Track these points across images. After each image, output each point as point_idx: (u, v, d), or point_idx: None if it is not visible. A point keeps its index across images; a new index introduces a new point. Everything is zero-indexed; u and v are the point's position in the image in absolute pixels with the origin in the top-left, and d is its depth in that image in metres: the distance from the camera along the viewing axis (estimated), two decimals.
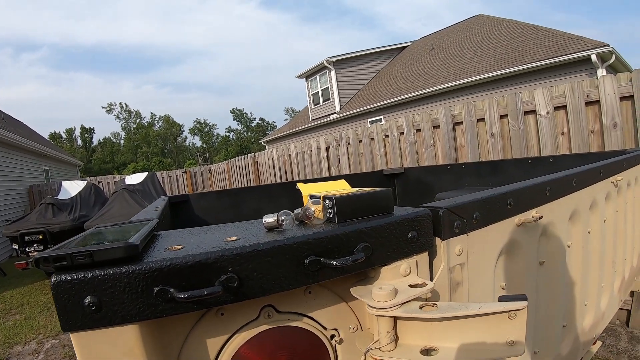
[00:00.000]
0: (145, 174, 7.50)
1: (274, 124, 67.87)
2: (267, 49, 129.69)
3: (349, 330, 0.70)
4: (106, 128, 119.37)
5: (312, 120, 18.80)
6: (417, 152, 5.16)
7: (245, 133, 66.57)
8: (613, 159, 1.56)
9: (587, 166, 1.36)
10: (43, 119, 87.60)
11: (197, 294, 0.50)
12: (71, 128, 60.67)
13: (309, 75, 18.66)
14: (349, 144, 6.22)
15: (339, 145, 6.45)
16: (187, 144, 66.28)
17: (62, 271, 0.49)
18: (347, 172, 6.22)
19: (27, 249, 5.69)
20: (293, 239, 0.59)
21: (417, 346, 0.60)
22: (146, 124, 63.19)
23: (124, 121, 63.59)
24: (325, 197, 0.70)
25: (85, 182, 7.55)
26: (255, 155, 9.84)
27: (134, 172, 13.86)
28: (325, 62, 16.98)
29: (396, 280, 0.68)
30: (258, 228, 0.68)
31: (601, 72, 9.17)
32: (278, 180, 8.71)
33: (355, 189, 0.76)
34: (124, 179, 7.52)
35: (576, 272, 1.28)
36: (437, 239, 0.76)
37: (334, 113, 17.26)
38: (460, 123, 4.62)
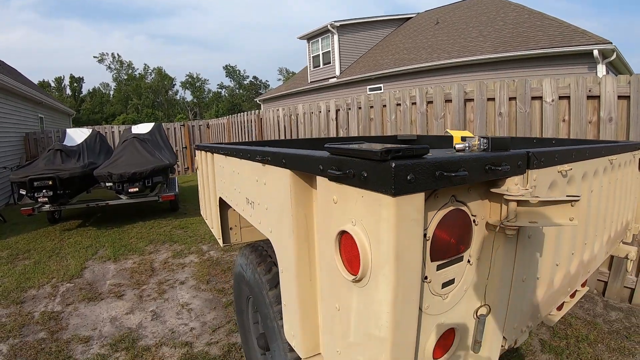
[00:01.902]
0: (152, 124, 7.65)
1: (267, 83, 67.49)
2: (262, 7, 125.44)
3: (482, 218, 1.15)
4: (95, 78, 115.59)
5: (311, 82, 18.89)
6: (427, 123, 5.60)
7: (237, 90, 66.02)
8: (611, 143, 2.06)
9: (594, 145, 1.84)
10: (32, 67, 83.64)
11: (446, 176, 0.91)
12: (60, 77, 59.11)
13: (311, 37, 18.59)
14: (360, 108, 6.60)
15: (350, 109, 6.82)
16: (178, 98, 65.53)
17: (398, 159, 0.81)
18: (356, 135, 6.63)
19: (35, 194, 5.68)
20: (478, 155, 1.02)
21: (526, 219, 1.07)
22: (138, 75, 62.02)
23: (115, 72, 62.31)
24: (481, 137, 1.14)
25: (91, 130, 7.60)
26: (259, 113, 10.08)
27: (124, 124, 13.83)
28: (329, 26, 16.95)
29: (516, 186, 1.14)
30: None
31: (601, 67, 9.64)
32: (282, 138, 9.05)
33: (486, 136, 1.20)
34: (130, 128, 7.66)
35: (581, 217, 1.78)
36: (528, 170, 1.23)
37: (334, 77, 17.41)
38: (471, 100, 5.04)
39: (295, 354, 1.61)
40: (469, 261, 1.14)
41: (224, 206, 2.52)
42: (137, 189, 5.97)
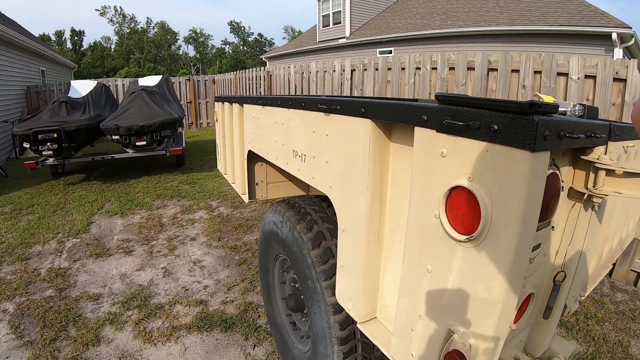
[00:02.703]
0: (160, 76, 7.35)
1: (272, 41, 67.02)
2: None
3: (567, 182, 1.05)
4: (97, 32, 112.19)
5: (319, 42, 18.32)
6: (447, 89, 5.41)
7: (241, 47, 65.05)
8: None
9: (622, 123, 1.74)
10: (32, 20, 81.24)
11: (568, 137, 0.81)
12: (61, 30, 57.83)
13: None
14: (377, 69, 6.36)
15: (366, 69, 6.57)
16: (181, 53, 64.55)
17: (540, 114, 0.73)
18: (372, 95, 6.43)
19: (39, 147, 5.43)
20: (586, 121, 0.91)
21: (612, 189, 0.98)
22: (140, 29, 60.90)
23: (117, 25, 61.03)
24: (577, 104, 1.03)
25: (96, 82, 7.26)
26: (269, 69, 9.77)
27: (126, 77, 13.43)
28: None
29: (605, 155, 1.03)
30: None
31: (618, 51, 9.37)
32: None
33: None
34: (137, 80, 7.34)
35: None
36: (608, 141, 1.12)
37: (343, 38, 16.87)
38: (495, 70, 4.88)
39: (340, 316, 1.54)
40: (552, 227, 1.12)
41: (250, 161, 2.40)
42: (144, 143, 5.80)
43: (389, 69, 6.16)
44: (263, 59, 23.92)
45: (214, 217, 4.78)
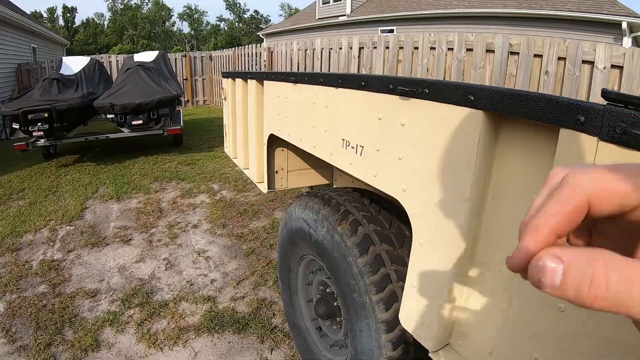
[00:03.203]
0: (156, 52, 6.91)
1: (269, 17, 66.33)
2: None
3: None
4: (90, 9, 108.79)
5: (319, 19, 17.78)
6: (463, 71, 5.12)
7: (237, 24, 64.33)
8: None
9: None
10: None
11: None
12: (53, 7, 57.13)
13: None
14: (387, 48, 6.03)
15: (375, 47, 6.24)
16: (175, 30, 64.10)
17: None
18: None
19: (30, 128, 5.07)
20: None
21: None
22: (134, 5, 60.24)
23: (110, 1, 60.47)
24: None
25: (89, 59, 6.79)
26: (270, 45, 9.35)
27: (120, 54, 12.92)
28: None
29: None
30: None
31: (627, 40, 9.14)
32: None
33: None
34: (132, 56, 6.89)
35: None
36: None
37: (344, 15, 16.35)
38: (516, 53, 4.65)
39: (392, 335, 1.32)
40: None
41: (269, 146, 2.12)
42: (141, 122, 5.46)
43: (401, 47, 5.84)
44: (260, 35, 23.31)
45: (216, 202, 4.51)
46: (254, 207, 4.40)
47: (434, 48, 5.37)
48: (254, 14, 66.41)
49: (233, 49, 11.05)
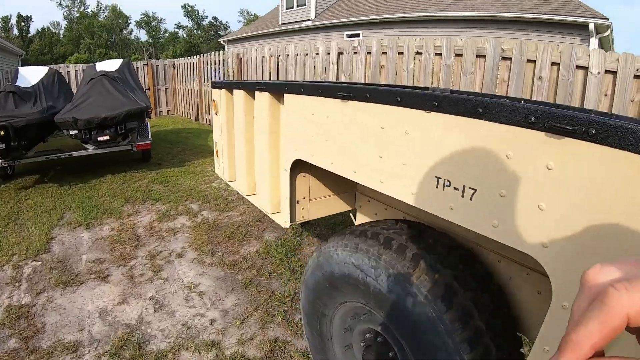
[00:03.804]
0: (120, 60, 6.33)
1: (227, 24, 66.24)
2: None
3: None
4: (45, 17, 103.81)
5: (282, 24, 17.47)
6: (452, 77, 4.97)
7: (195, 31, 63.67)
8: None
9: None
10: None
11: None
12: (7, 16, 54.96)
13: None
14: (369, 53, 5.81)
15: (356, 53, 6.01)
16: (133, 38, 62.66)
17: None
18: (362, 81, 5.89)
19: None
20: None
21: None
22: (90, 13, 58.64)
23: (66, 9, 58.73)
24: None
25: (48, 69, 6.14)
26: (240, 52, 8.94)
27: (77, 64, 12.14)
28: None
29: None
30: None
31: (594, 41, 9.42)
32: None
33: None
34: (94, 65, 6.27)
35: None
36: None
37: (308, 20, 16.13)
38: (508, 59, 4.57)
39: None
40: None
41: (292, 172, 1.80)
42: (107, 137, 4.95)
43: (384, 52, 5.63)
44: (222, 42, 22.74)
45: (198, 225, 4.10)
46: (241, 228, 4.03)
47: (420, 53, 5.20)
48: (212, 20, 65.84)
49: (198, 56, 10.54)
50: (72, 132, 4.75)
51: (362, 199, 2.12)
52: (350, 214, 2.33)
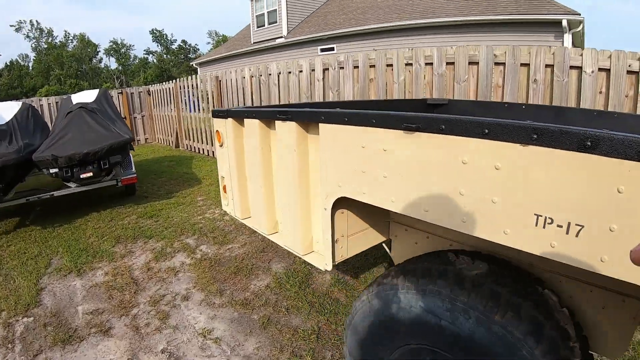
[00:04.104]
0: (97, 90, 6.00)
1: (197, 46, 66.43)
2: None
3: None
4: (13, 51, 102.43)
5: (254, 43, 17.36)
6: (445, 86, 4.90)
7: (165, 55, 63.33)
8: None
9: None
10: None
11: None
12: None
13: None
14: (356, 67, 5.71)
15: (342, 67, 5.89)
16: (102, 67, 62.22)
17: None
18: (351, 99, 5.77)
19: None
20: None
21: None
22: (59, 43, 58.01)
23: (34, 41, 57.99)
24: None
25: (21, 104, 5.66)
26: (218, 74, 8.73)
27: (47, 96, 11.70)
28: None
29: None
30: None
31: (568, 37, 9.62)
32: (249, 104, 7.86)
33: None
34: (69, 97, 5.92)
35: None
36: None
37: (281, 37, 16.07)
38: (501, 64, 4.56)
39: None
40: None
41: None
42: (91, 174, 4.65)
43: (372, 66, 5.54)
44: (194, 65, 22.53)
45: (199, 262, 3.85)
46: (246, 262, 3.81)
47: (410, 64, 5.12)
48: (182, 44, 65.46)
49: (174, 81, 10.28)
50: (52, 170, 4.43)
51: (398, 228, 1.95)
52: (384, 245, 2.15)
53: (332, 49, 14.13)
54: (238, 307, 3.04)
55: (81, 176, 4.58)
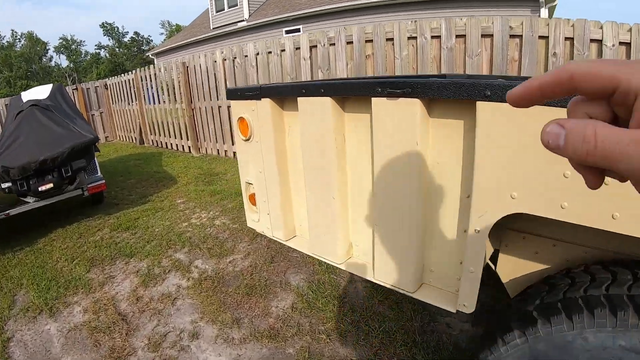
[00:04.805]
0: (50, 85, 5.10)
1: (150, 38, 63.43)
2: None
3: None
4: None
5: (214, 28, 16.30)
6: (455, 60, 4.43)
7: (117, 49, 60.25)
8: None
9: None
10: None
11: None
12: None
13: None
14: (350, 43, 5.12)
15: (333, 44, 5.28)
16: (53, 65, 58.54)
17: None
18: (344, 76, 5.18)
19: None
20: None
21: None
22: (6, 44, 53.92)
23: None
24: None
25: None
26: (185, 60, 7.86)
27: None
28: None
29: None
30: None
31: (544, 10, 9.47)
32: (222, 91, 7.10)
33: None
34: (19, 96, 4.98)
35: None
36: None
37: (242, 21, 15.12)
38: (516, 36, 4.21)
39: None
40: None
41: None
42: (51, 185, 3.86)
43: (368, 40, 4.97)
44: (149, 56, 21.13)
45: (199, 283, 3.21)
46: (256, 277, 3.21)
47: (414, 38, 4.60)
48: (134, 36, 62.23)
49: (134, 71, 9.31)
50: (3, 185, 3.61)
51: (513, 236, 1.43)
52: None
53: (298, 30, 13.39)
54: (265, 340, 2.45)
55: (39, 189, 3.79)
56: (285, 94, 1.58)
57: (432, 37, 4.48)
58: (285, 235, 1.80)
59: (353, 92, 1.29)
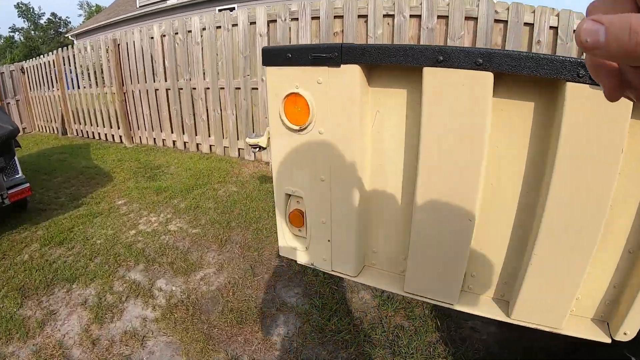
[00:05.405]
0: None
1: (68, 19, 59.89)
2: None
3: None
4: None
5: (141, 6, 14.78)
6: (436, 42, 4.13)
7: (33, 32, 55.63)
8: None
9: None
10: None
11: None
12: None
13: None
14: (317, 18, 4.59)
15: (296, 19, 4.72)
16: None
17: None
18: None
19: None
20: None
21: None
22: None
23: None
24: None
25: None
26: (117, 37, 6.77)
27: None
28: None
29: None
30: None
31: None
32: (159, 72, 6.22)
33: None
34: None
35: None
36: None
37: None
38: (501, 21, 4.02)
39: None
40: None
41: None
42: None
43: (337, 16, 4.49)
44: (69, 37, 19.13)
45: (169, 312, 2.64)
46: (240, 296, 2.73)
47: (391, 15, 4.20)
48: (51, 17, 57.07)
49: (55, 51, 8.07)
50: None
51: None
52: None
53: (233, 8, 12.44)
54: None
55: None
56: (396, 60, 1.04)
57: (412, 15, 4.11)
58: (355, 269, 1.34)
59: (541, 71, 0.85)
